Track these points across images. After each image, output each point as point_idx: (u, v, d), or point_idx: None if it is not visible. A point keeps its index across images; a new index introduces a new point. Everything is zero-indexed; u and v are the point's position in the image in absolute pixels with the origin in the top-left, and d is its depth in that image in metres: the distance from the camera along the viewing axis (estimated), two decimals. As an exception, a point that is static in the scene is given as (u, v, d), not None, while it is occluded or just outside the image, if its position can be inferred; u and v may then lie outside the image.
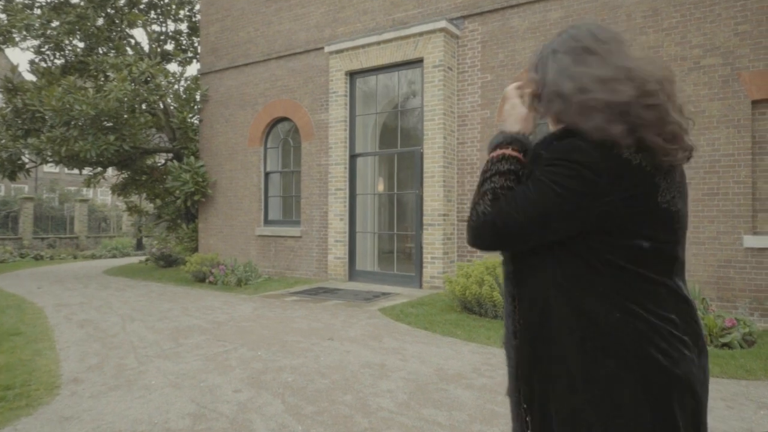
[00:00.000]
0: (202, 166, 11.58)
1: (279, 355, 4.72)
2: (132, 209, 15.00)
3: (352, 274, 9.39)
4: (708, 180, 6.79)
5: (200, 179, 11.35)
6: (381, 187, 9.98)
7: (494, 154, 1.31)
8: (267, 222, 11.00)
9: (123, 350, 4.98)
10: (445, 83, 8.35)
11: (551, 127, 1.32)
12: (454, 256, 8.56)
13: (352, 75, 9.43)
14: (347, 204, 9.39)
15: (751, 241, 6.49)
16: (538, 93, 1.31)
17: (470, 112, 8.56)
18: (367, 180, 9.60)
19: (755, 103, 6.55)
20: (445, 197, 8.33)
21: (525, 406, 1.26)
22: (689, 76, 6.93)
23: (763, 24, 6.52)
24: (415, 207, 8.75)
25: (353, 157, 9.44)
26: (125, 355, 4.82)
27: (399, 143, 9.02)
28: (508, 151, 1.29)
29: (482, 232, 1.22)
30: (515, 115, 1.35)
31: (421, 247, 8.47)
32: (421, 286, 8.48)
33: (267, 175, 11.03)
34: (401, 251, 9.11)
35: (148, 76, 11.23)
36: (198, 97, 11.99)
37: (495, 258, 6.91)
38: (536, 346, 1.24)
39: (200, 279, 9.85)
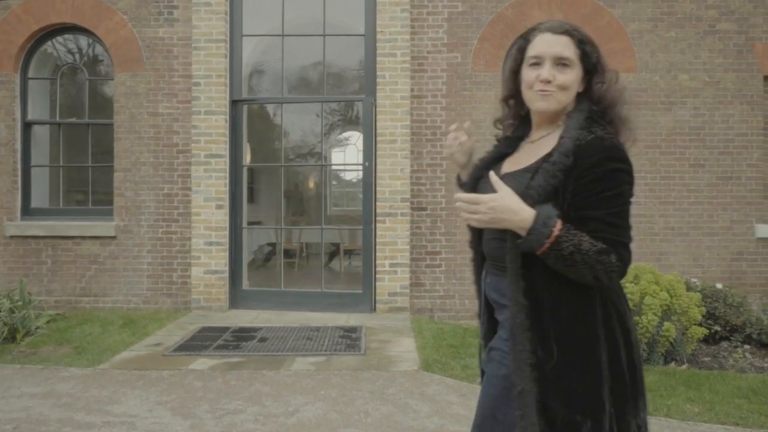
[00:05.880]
0: None
1: None
2: None
3: (237, 296, 5.72)
4: (722, 162, 5.98)
5: None
6: (276, 155, 6.46)
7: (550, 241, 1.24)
8: (29, 212, 6.08)
9: None
10: (411, 2, 5.58)
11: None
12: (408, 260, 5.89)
13: (235, -33, 5.69)
14: (228, 182, 5.65)
15: (763, 230, 5.91)
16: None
17: (431, 54, 5.97)
18: (263, 143, 5.97)
19: (768, 78, 5.99)
20: (411, 173, 5.59)
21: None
22: (704, 41, 5.97)
23: (776, -8, 5.97)
24: (361, 187, 5.69)
25: (237, 104, 5.73)
26: None
27: (326, 88, 5.75)
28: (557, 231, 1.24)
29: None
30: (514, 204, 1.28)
31: (374, 249, 5.54)
32: (373, 309, 5.55)
33: (28, 126, 6.09)
34: (331, 257, 5.94)
35: None
36: None
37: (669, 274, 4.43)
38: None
39: None
